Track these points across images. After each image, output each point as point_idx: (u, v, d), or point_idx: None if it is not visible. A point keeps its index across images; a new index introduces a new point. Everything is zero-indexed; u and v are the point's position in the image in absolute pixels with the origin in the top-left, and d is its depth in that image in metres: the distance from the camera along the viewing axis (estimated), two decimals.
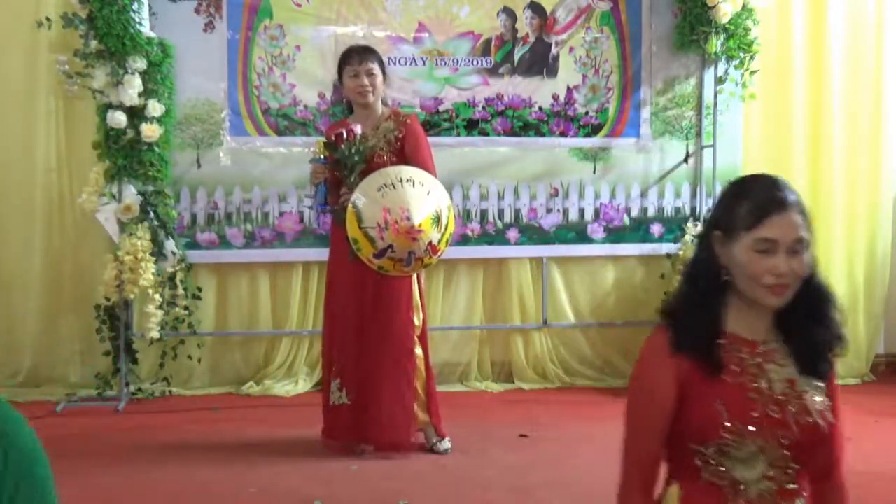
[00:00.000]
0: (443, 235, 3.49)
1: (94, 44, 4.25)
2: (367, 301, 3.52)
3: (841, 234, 4.99)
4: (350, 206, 3.43)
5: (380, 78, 3.62)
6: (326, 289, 3.74)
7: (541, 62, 4.78)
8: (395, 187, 3.42)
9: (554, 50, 4.78)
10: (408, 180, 3.44)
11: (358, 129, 3.50)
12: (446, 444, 3.66)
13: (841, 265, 4.99)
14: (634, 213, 4.85)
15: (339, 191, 3.53)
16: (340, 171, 3.49)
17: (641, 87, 4.82)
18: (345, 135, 3.46)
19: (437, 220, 3.44)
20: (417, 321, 3.62)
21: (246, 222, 4.63)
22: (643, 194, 4.85)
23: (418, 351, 3.62)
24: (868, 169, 5.02)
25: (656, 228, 4.86)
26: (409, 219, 3.36)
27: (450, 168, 4.44)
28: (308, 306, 4.78)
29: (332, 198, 3.58)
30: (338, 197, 3.54)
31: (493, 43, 4.75)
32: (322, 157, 3.53)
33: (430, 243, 3.43)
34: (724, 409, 1.59)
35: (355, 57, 3.60)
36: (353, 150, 3.46)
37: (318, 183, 3.56)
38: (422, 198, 3.42)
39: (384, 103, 3.74)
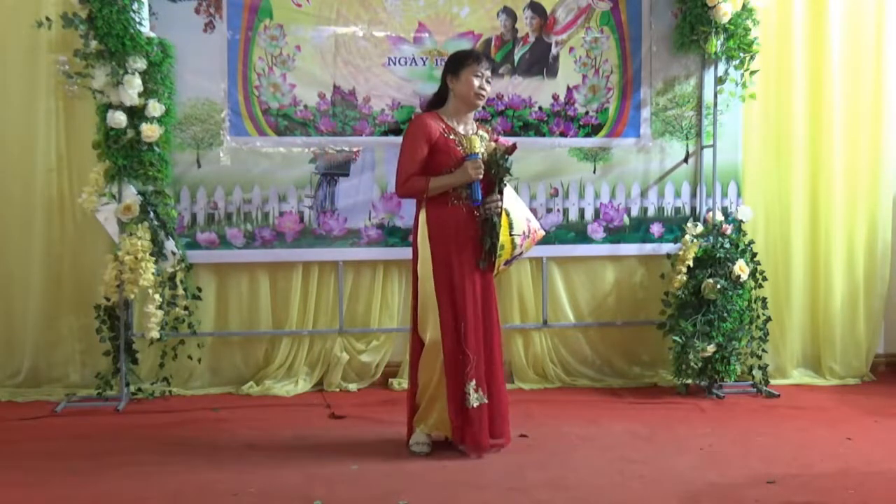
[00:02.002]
0: None
1: (94, 44, 4.25)
2: (490, 302, 3.61)
3: (841, 234, 4.99)
4: (505, 213, 3.49)
5: (488, 89, 3.65)
6: (440, 291, 3.53)
7: (541, 62, 4.78)
8: (517, 198, 3.65)
9: (554, 50, 4.79)
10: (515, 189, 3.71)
11: (506, 140, 3.68)
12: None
13: (841, 264, 5.00)
14: (634, 212, 4.85)
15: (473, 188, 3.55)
16: (494, 178, 3.57)
17: (641, 87, 4.83)
18: (512, 143, 3.60)
19: None
20: None
21: (246, 222, 4.63)
22: (643, 194, 4.85)
23: None
24: (868, 169, 5.02)
25: (656, 228, 4.86)
26: (540, 228, 3.70)
27: None
28: (308, 306, 4.78)
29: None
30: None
31: (493, 43, 4.75)
32: (478, 153, 3.53)
33: None
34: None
35: (485, 61, 3.60)
36: (508, 157, 3.57)
37: (475, 181, 3.52)
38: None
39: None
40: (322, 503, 3.04)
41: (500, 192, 3.53)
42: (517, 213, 3.55)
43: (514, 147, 3.58)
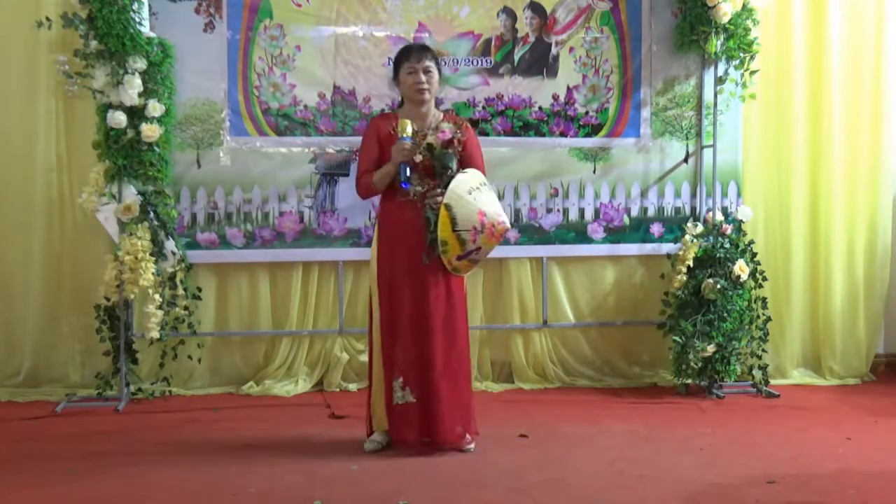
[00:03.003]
0: None
1: (94, 44, 4.25)
2: (431, 300, 3.54)
3: (841, 234, 4.99)
4: (443, 208, 3.43)
5: (436, 76, 3.64)
6: (381, 288, 3.60)
7: (541, 62, 4.78)
8: (480, 191, 3.52)
9: (554, 50, 4.79)
10: (484, 184, 3.57)
11: (451, 133, 3.59)
12: (472, 444, 3.68)
13: (841, 265, 5.00)
14: (634, 213, 4.85)
15: (413, 173, 3.54)
16: (437, 173, 3.56)
17: (641, 87, 4.83)
18: (450, 137, 3.56)
19: None
20: (468, 322, 3.72)
21: (246, 222, 4.63)
22: (643, 194, 4.85)
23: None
24: (868, 169, 5.02)
25: (656, 228, 4.86)
26: (503, 222, 3.51)
27: None
28: (308, 306, 4.78)
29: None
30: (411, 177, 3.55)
31: (493, 43, 4.75)
32: (408, 136, 3.51)
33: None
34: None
35: (414, 54, 3.61)
36: (451, 153, 3.55)
37: (403, 161, 3.50)
38: (497, 200, 3.58)
39: (436, 105, 3.77)
40: (322, 503, 3.04)
41: (445, 187, 3.49)
42: (465, 207, 3.44)
43: (451, 140, 3.56)
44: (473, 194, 3.48)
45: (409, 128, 3.53)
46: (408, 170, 3.50)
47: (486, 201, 3.49)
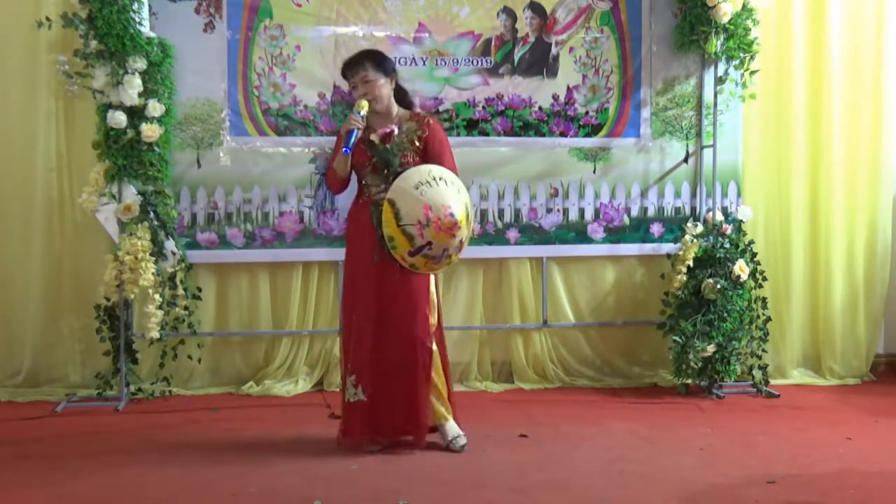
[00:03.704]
0: (469, 234, 3.57)
1: (94, 44, 4.25)
2: (387, 298, 3.55)
3: (841, 234, 4.99)
4: (387, 203, 3.43)
5: (380, 81, 3.62)
6: (345, 286, 3.72)
7: (541, 62, 4.78)
8: (430, 185, 3.44)
9: (554, 50, 4.79)
10: (440, 178, 3.48)
11: (395, 129, 3.58)
12: (462, 440, 3.67)
13: (841, 265, 5.00)
14: (634, 213, 4.85)
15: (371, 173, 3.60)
16: (379, 169, 3.58)
17: (641, 87, 4.82)
18: (393, 132, 3.57)
19: (467, 217, 3.51)
20: (433, 319, 3.66)
21: (246, 222, 4.63)
22: (643, 194, 4.85)
23: (434, 347, 3.64)
24: (868, 169, 5.02)
25: (656, 228, 4.86)
26: (452, 215, 3.40)
27: None
28: (308, 306, 4.78)
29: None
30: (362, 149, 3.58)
31: (493, 43, 4.75)
32: (361, 112, 3.55)
33: (460, 240, 3.49)
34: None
35: (347, 71, 3.67)
36: (393, 149, 3.55)
37: (351, 129, 3.52)
38: (455, 195, 3.47)
39: (405, 104, 3.76)
40: (322, 503, 3.04)
41: (389, 183, 3.50)
42: (410, 202, 3.40)
43: (390, 133, 3.57)
44: (421, 188, 3.42)
45: (364, 109, 3.57)
46: (353, 137, 3.51)
47: (434, 195, 3.41)
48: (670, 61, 4.83)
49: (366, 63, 3.63)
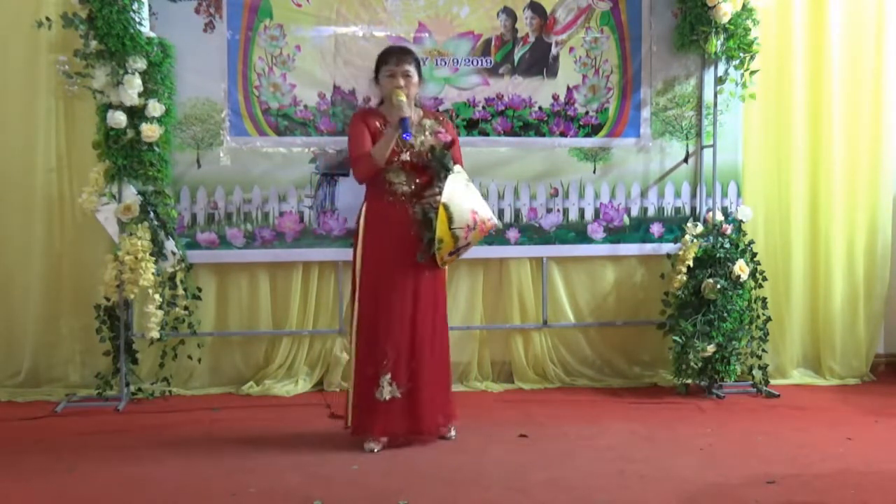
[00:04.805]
0: None
1: (94, 44, 4.25)
2: (420, 296, 3.64)
3: (841, 234, 4.99)
4: (442, 207, 3.50)
5: (415, 79, 3.72)
6: (368, 284, 3.66)
7: (541, 62, 4.78)
8: (468, 188, 3.63)
9: (554, 50, 4.79)
10: (469, 180, 3.68)
11: (444, 135, 3.72)
12: (453, 431, 3.82)
13: (841, 265, 5.00)
14: (634, 213, 4.85)
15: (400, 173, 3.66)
16: (436, 173, 3.63)
17: (641, 87, 4.82)
18: (450, 139, 3.71)
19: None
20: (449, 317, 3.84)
21: (246, 222, 4.63)
22: (643, 194, 4.85)
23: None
24: (868, 169, 5.02)
25: (656, 228, 4.86)
26: (491, 218, 3.68)
27: None
28: (308, 306, 4.77)
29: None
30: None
31: (493, 43, 4.75)
32: (403, 100, 3.60)
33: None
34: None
35: (393, 57, 3.71)
36: (449, 154, 3.64)
37: (404, 117, 3.55)
38: (481, 199, 3.70)
39: (416, 104, 3.83)
40: (322, 503, 3.04)
41: (440, 188, 3.56)
42: (460, 206, 3.54)
43: (451, 143, 3.68)
44: (465, 193, 3.58)
45: (404, 98, 3.62)
46: (407, 123, 3.55)
47: (474, 199, 3.62)
48: (670, 61, 4.83)
49: (410, 58, 3.74)
